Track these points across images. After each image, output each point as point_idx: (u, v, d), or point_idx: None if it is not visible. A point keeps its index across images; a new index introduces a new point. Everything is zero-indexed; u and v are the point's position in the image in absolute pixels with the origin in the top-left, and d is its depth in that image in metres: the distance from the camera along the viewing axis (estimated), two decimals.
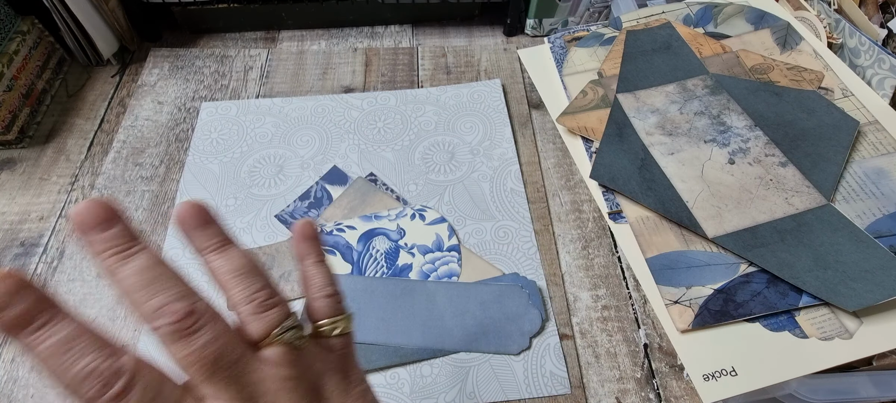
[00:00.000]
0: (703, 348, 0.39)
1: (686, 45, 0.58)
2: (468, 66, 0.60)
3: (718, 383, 0.38)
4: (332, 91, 0.57)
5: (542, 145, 0.53)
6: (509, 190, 0.49)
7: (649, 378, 0.40)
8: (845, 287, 0.40)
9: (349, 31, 0.64)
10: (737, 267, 0.42)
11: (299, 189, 0.49)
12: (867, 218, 0.44)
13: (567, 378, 0.39)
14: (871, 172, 0.47)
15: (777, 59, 0.56)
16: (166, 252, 0.45)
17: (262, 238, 0.46)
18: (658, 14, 0.61)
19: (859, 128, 0.49)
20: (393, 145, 0.52)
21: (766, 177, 0.47)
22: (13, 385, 0.39)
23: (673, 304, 0.41)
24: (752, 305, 0.40)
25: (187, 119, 0.54)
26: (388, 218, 0.47)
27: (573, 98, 0.55)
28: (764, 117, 0.51)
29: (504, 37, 0.64)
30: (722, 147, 0.49)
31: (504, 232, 0.46)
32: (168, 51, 0.61)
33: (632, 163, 0.48)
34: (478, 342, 0.40)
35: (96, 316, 0.42)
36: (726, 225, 0.44)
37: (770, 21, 0.59)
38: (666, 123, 0.51)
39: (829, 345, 0.39)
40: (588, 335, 0.41)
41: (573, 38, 0.60)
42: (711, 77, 0.54)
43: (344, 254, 0.45)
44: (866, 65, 0.54)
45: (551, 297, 0.43)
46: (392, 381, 0.39)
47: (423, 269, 0.44)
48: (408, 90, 0.57)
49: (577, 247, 0.46)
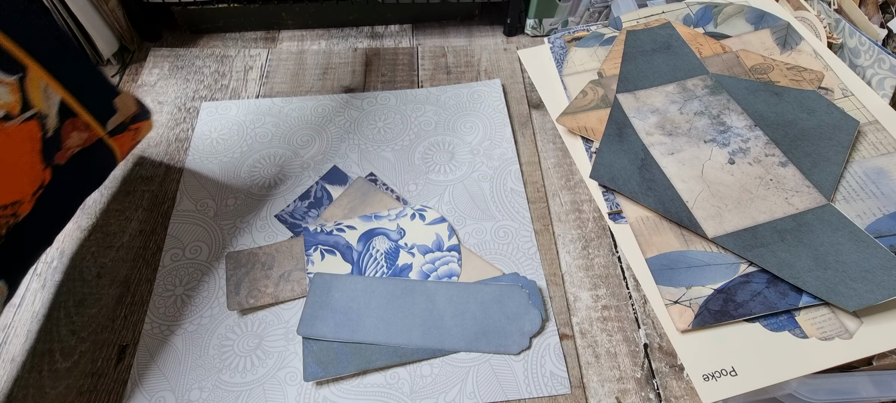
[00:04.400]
0: (703, 348, 0.39)
1: (686, 45, 0.58)
2: (468, 66, 0.60)
3: (718, 383, 0.38)
4: (332, 91, 0.57)
5: (542, 145, 0.53)
6: (509, 190, 0.49)
7: (649, 378, 0.40)
8: (845, 287, 0.40)
9: (349, 31, 0.64)
10: (737, 267, 0.42)
11: (299, 189, 0.49)
12: (867, 218, 0.44)
13: (567, 378, 0.39)
14: (871, 172, 0.47)
15: (777, 59, 0.56)
16: (166, 252, 0.45)
17: (262, 238, 0.46)
18: (658, 14, 0.61)
19: (859, 128, 0.49)
20: (393, 145, 0.52)
21: (766, 176, 0.47)
22: (13, 384, 0.39)
23: (673, 304, 0.41)
24: (752, 305, 0.40)
25: (187, 119, 0.55)
26: (388, 218, 0.47)
27: (573, 98, 0.55)
28: (764, 117, 0.51)
29: (504, 37, 0.64)
30: (722, 147, 0.49)
31: (504, 232, 0.46)
32: (168, 51, 0.61)
33: (632, 163, 0.48)
34: (478, 342, 0.40)
35: (96, 316, 0.42)
36: (726, 225, 0.44)
37: (770, 21, 0.59)
38: (666, 123, 0.51)
39: (829, 345, 0.39)
40: (588, 335, 0.41)
41: (573, 38, 0.60)
42: (711, 77, 0.54)
43: (344, 254, 0.45)
44: (866, 65, 0.54)
45: (551, 297, 0.43)
46: (392, 381, 0.39)
47: (423, 269, 0.44)
48: (408, 90, 0.57)
49: (577, 247, 0.46)
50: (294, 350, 0.40)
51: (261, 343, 0.40)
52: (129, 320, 0.42)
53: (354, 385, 0.39)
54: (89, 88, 0.37)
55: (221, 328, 0.41)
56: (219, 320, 0.41)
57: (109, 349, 0.40)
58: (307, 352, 0.39)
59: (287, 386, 0.39)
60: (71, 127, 0.36)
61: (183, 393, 0.38)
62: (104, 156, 0.40)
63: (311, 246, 0.45)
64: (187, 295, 0.43)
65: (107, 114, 0.39)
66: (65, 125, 0.35)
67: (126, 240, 0.46)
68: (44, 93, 0.33)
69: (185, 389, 0.38)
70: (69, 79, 0.35)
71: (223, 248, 0.45)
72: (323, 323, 0.41)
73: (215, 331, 0.41)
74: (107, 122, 0.39)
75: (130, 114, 0.42)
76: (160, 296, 0.43)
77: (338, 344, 0.40)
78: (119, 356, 0.40)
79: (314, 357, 0.39)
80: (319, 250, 0.45)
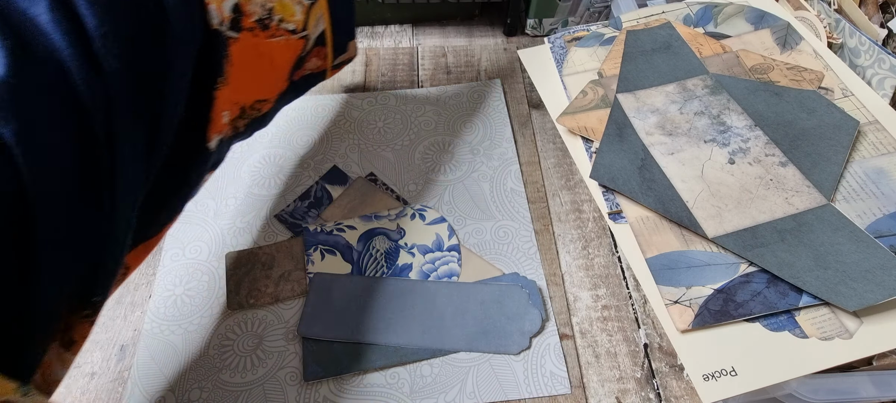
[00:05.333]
0: (703, 348, 0.39)
1: (686, 44, 0.58)
2: (468, 66, 0.60)
3: (718, 383, 0.38)
4: (332, 91, 0.57)
5: (542, 145, 0.53)
6: (509, 190, 0.49)
7: (649, 378, 0.40)
8: (845, 286, 0.40)
9: None
10: (737, 267, 0.42)
11: (299, 189, 0.49)
12: (867, 217, 0.44)
13: (567, 378, 0.39)
14: (871, 172, 0.47)
15: (777, 58, 0.56)
16: (166, 252, 0.45)
17: (262, 238, 0.46)
18: (658, 14, 0.61)
19: (859, 128, 0.49)
20: (393, 145, 0.52)
21: (766, 176, 0.47)
22: None
23: (673, 304, 0.41)
24: (752, 305, 0.40)
25: None
26: (388, 218, 0.47)
27: (573, 98, 0.55)
28: (764, 117, 0.51)
29: (504, 37, 0.64)
30: (722, 147, 0.49)
31: (504, 231, 0.46)
32: None
33: (632, 163, 0.48)
34: (478, 342, 0.40)
35: None
36: (726, 225, 0.44)
37: (770, 21, 0.59)
38: (666, 123, 0.51)
39: (829, 345, 0.39)
40: (588, 335, 0.41)
41: (573, 38, 0.60)
42: (711, 77, 0.54)
43: (344, 254, 0.45)
44: (866, 65, 0.54)
45: (551, 297, 0.43)
46: (392, 381, 0.39)
47: (423, 269, 0.44)
48: (408, 90, 0.57)
49: (577, 247, 0.46)
50: (294, 350, 0.40)
51: (261, 343, 0.40)
52: (129, 320, 0.42)
53: (354, 385, 0.39)
54: (343, 27, 0.42)
55: (221, 328, 0.41)
56: (219, 320, 0.41)
57: (109, 349, 0.40)
58: (307, 352, 0.39)
59: (287, 386, 0.39)
60: (316, 54, 0.41)
61: (183, 393, 0.38)
62: (315, 83, 0.45)
63: (311, 246, 0.45)
64: (187, 295, 0.43)
65: (339, 52, 0.44)
66: (314, 50, 0.40)
67: None
68: (317, 21, 0.38)
69: (185, 389, 0.38)
70: (337, 15, 0.41)
71: (223, 248, 0.45)
72: (323, 323, 0.41)
73: (215, 331, 0.41)
74: (336, 58, 0.44)
75: (351, 57, 0.46)
76: (160, 296, 0.43)
77: (338, 344, 0.40)
78: (119, 356, 0.40)
79: (314, 357, 0.39)
80: (319, 250, 0.45)
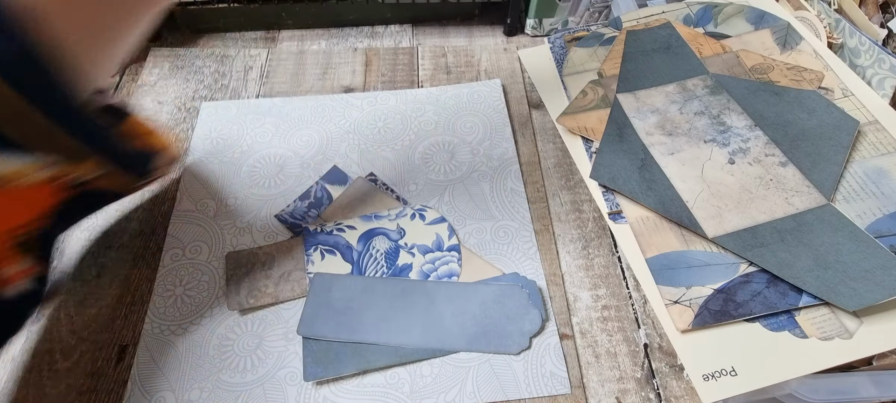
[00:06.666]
0: (703, 348, 0.39)
1: (686, 44, 0.58)
2: (468, 66, 0.60)
3: (718, 383, 0.38)
4: (332, 91, 0.57)
5: (542, 145, 0.53)
6: (509, 190, 0.49)
7: (649, 378, 0.40)
8: (845, 286, 0.40)
9: (349, 31, 0.64)
10: (737, 267, 0.42)
11: (299, 189, 0.49)
12: (867, 217, 0.44)
13: (567, 378, 0.39)
14: (871, 172, 0.47)
15: (777, 58, 0.56)
16: (166, 252, 0.45)
17: (262, 238, 0.46)
18: (658, 14, 0.61)
19: (859, 128, 0.49)
20: (393, 145, 0.52)
21: (766, 176, 0.47)
22: (14, 384, 0.39)
23: (673, 304, 0.41)
24: (752, 305, 0.40)
25: (187, 119, 0.54)
26: (388, 218, 0.47)
27: (573, 98, 0.55)
28: (764, 117, 0.51)
29: (504, 37, 0.64)
30: (722, 147, 0.49)
31: (504, 232, 0.46)
32: (168, 50, 0.61)
33: (632, 163, 0.48)
34: (478, 342, 0.40)
35: (96, 316, 0.42)
36: (726, 225, 0.44)
37: (770, 21, 0.59)
38: (666, 123, 0.51)
39: (829, 345, 0.39)
40: (588, 335, 0.41)
41: (573, 38, 0.60)
42: (711, 77, 0.54)
43: (344, 254, 0.45)
44: (866, 65, 0.54)
45: (551, 297, 0.43)
46: (392, 381, 0.39)
47: (423, 269, 0.44)
48: (408, 90, 0.57)
49: (577, 247, 0.46)
50: (294, 351, 0.40)
51: (261, 343, 0.40)
52: (129, 320, 0.42)
53: (354, 385, 0.39)
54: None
55: (221, 328, 0.41)
56: (219, 320, 0.41)
57: (109, 349, 0.40)
58: (307, 352, 0.39)
59: (287, 386, 0.39)
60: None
61: (183, 393, 0.38)
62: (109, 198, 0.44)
63: (311, 246, 0.45)
64: (187, 295, 0.43)
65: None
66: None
67: (126, 240, 0.46)
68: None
69: (185, 389, 0.38)
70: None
71: (223, 248, 0.45)
72: (323, 323, 0.41)
73: (215, 331, 0.41)
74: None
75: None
76: (160, 296, 0.43)
77: (338, 344, 0.40)
78: (119, 356, 0.40)
79: (314, 357, 0.39)
80: (319, 250, 0.45)
